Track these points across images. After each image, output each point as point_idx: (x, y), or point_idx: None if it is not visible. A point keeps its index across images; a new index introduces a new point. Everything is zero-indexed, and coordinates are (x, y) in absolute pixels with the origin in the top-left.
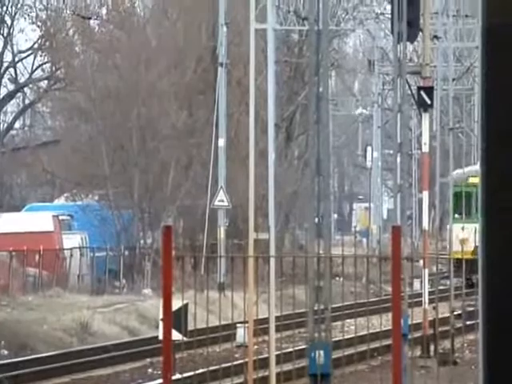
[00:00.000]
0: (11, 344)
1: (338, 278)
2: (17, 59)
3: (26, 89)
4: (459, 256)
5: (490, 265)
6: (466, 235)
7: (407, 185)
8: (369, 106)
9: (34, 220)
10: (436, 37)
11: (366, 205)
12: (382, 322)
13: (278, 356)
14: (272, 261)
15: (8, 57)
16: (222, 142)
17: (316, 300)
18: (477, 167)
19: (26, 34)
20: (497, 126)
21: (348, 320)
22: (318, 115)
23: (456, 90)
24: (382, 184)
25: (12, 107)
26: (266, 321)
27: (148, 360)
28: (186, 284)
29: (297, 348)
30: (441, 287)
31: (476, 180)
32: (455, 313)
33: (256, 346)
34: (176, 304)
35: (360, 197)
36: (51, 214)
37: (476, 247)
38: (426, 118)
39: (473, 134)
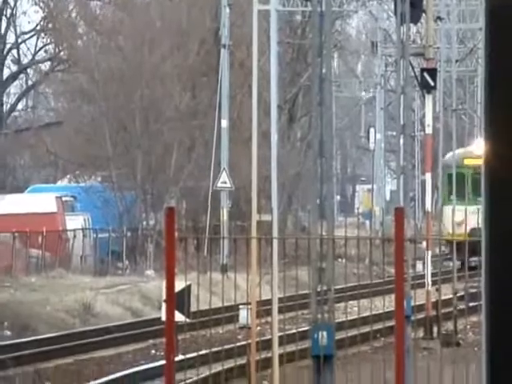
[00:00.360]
0: (14, 325)
1: (340, 260)
2: (20, 40)
3: (28, 70)
4: (459, 238)
5: (492, 247)
6: (461, 218)
7: (410, 166)
8: (372, 88)
9: (37, 201)
10: (439, 18)
11: (369, 186)
12: (385, 304)
13: (280, 337)
14: (275, 242)
15: (11, 38)
16: (224, 124)
17: (319, 281)
18: (470, 148)
19: (29, 15)
20: (500, 107)
21: (351, 301)
22: (321, 97)
23: (459, 72)
24: (384, 166)
25: (15, 89)
26: (268, 302)
27: (151, 341)
28: (189, 265)
29: (300, 329)
30: (443, 269)
31: (470, 162)
32: (458, 294)
33: (259, 328)
34: (179, 285)
35: (363, 178)
36: (54, 195)
37: (472, 229)
38: (429, 99)
39: (476, 116)
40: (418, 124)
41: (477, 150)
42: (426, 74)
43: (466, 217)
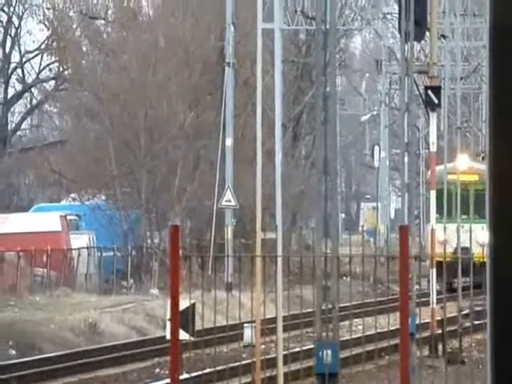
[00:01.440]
0: (19, 344)
1: (345, 278)
2: (24, 59)
3: (33, 89)
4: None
5: (497, 265)
6: (447, 236)
7: (415, 184)
8: (376, 106)
9: (42, 220)
10: (443, 36)
11: (374, 204)
12: (390, 322)
13: (285, 356)
14: (279, 260)
15: (16, 57)
16: (229, 142)
17: (323, 299)
18: (454, 164)
19: (34, 34)
20: (505, 125)
21: (355, 319)
22: (326, 115)
23: (463, 90)
24: (389, 183)
25: (20, 107)
26: (273, 320)
27: (155, 360)
28: (194, 284)
29: (304, 348)
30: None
31: (454, 177)
32: (463, 312)
33: (263, 346)
34: (183, 304)
35: (367, 196)
36: (59, 214)
37: (456, 249)
38: (433, 117)
39: (481, 134)
40: (422, 142)
41: (461, 165)
42: (430, 92)
43: (449, 235)
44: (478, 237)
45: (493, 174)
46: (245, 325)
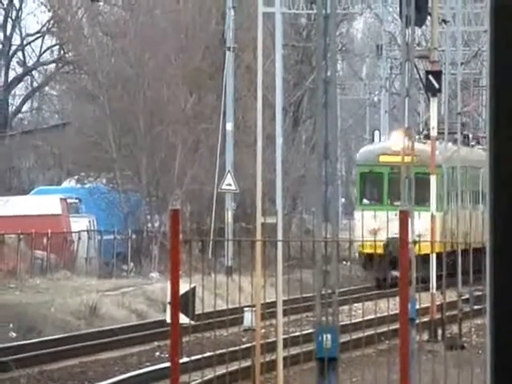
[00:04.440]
0: (19, 327)
1: (345, 262)
2: (25, 42)
3: (34, 72)
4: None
5: (497, 249)
6: (378, 225)
7: None
8: (377, 91)
9: (42, 203)
10: (444, 21)
11: None
12: (390, 306)
13: (285, 340)
14: (279, 245)
15: (16, 40)
16: (229, 126)
17: (323, 284)
18: (387, 143)
19: (37, 16)
20: (506, 110)
21: (355, 304)
22: (326, 99)
23: (464, 74)
24: None
25: (20, 90)
26: (273, 305)
27: (155, 343)
28: (194, 268)
29: (304, 332)
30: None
31: (388, 159)
32: (463, 297)
33: (263, 330)
34: (183, 287)
35: None
36: (59, 197)
37: (391, 239)
38: (434, 102)
39: (481, 119)
40: (422, 126)
41: (394, 145)
42: (430, 77)
43: (380, 224)
44: (415, 225)
45: (493, 159)
46: (245, 309)
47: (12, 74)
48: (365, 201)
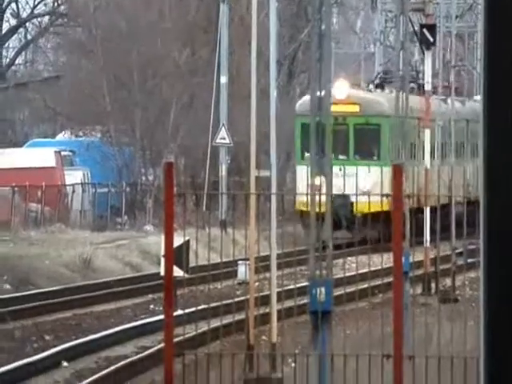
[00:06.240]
0: (13, 279)
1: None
2: None
3: (28, 24)
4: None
5: (491, 204)
6: (318, 182)
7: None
8: (371, 44)
9: (37, 156)
10: None
11: None
12: (384, 260)
13: (279, 293)
14: (273, 198)
15: None
16: (224, 80)
17: (317, 237)
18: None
19: None
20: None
21: (349, 258)
22: (321, 53)
23: (459, 28)
24: None
25: (14, 43)
26: (267, 258)
27: (150, 296)
28: (188, 221)
29: (298, 285)
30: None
31: (336, 108)
32: (456, 251)
33: (257, 283)
34: (177, 241)
35: None
36: (53, 149)
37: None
38: (428, 55)
39: (475, 72)
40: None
41: (339, 93)
42: (425, 30)
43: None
44: (360, 182)
45: (488, 120)
46: (239, 262)
47: (5, 26)
48: (307, 155)
